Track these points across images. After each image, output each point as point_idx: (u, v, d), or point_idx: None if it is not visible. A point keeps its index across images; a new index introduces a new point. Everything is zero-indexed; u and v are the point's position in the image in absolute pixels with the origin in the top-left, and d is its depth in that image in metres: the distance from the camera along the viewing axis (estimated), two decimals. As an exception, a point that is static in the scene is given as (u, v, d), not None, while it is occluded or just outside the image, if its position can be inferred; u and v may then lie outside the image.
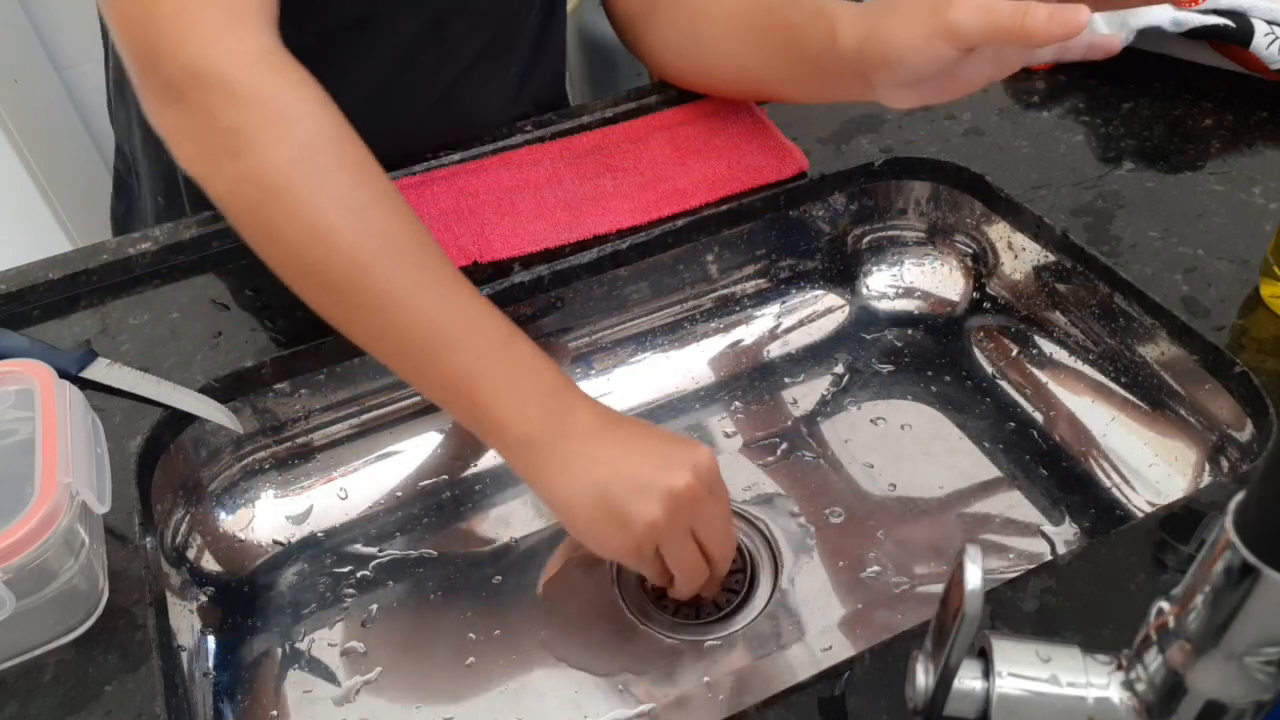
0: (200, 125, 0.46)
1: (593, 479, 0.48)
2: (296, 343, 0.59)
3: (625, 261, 0.66)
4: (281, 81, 0.47)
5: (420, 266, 0.48)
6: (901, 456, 0.66)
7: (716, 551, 0.51)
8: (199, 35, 0.46)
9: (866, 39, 0.54)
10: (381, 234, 0.48)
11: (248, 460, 0.63)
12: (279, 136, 0.46)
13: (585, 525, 0.49)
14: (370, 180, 0.48)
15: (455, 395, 0.49)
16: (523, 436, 0.49)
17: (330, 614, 0.60)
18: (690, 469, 0.48)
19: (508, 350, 0.49)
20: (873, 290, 0.74)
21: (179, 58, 0.46)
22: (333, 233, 0.46)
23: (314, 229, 0.46)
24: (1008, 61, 0.53)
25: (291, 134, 0.46)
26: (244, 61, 0.47)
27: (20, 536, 0.42)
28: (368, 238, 0.47)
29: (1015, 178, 0.66)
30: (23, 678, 0.44)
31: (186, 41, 0.46)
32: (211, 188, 0.47)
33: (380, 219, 0.48)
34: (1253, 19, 0.69)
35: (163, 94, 0.47)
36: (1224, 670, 0.30)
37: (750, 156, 0.68)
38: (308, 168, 0.47)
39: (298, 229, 0.47)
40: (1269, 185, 0.64)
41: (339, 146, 0.48)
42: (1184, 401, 0.59)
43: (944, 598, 0.33)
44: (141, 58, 0.47)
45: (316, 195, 0.47)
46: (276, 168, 0.46)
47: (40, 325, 0.61)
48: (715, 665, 0.56)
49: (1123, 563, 0.45)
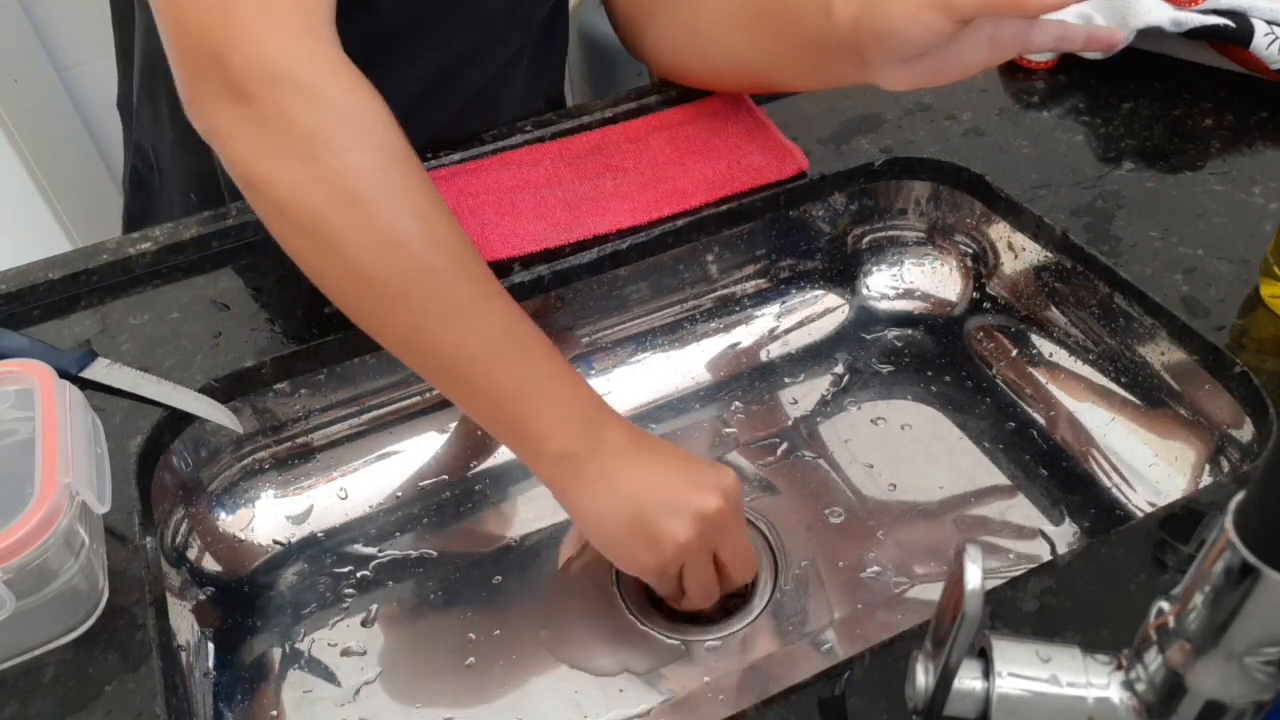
0: (271, 127, 0.45)
1: (625, 496, 0.49)
2: (296, 343, 0.59)
3: (625, 261, 0.66)
4: (356, 89, 0.47)
5: (480, 279, 0.49)
6: (901, 457, 0.66)
7: (737, 573, 0.53)
8: (277, 38, 0.46)
9: (862, 13, 0.55)
10: (447, 246, 0.48)
11: (248, 460, 0.63)
12: (358, 143, 0.46)
13: (615, 542, 0.50)
14: (434, 192, 0.49)
15: (498, 408, 0.49)
16: (561, 451, 0.49)
17: (330, 614, 0.60)
18: (719, 492, 0.49)
19: (551, 365, 0.50)
20: (873, 290, 0.74)
21: (256, 60, 0.45)
22: (406, 242, 0.46)
23: (387, 237, 0.46)
24: (1004, 44, 0.54)
25: (368, 141, 0.46)
26: (322, 67, 0.47)
27: (20, 536, 0.42)
28: (437, 249, 0.47)
29: (1015, 178, 0.66)
30: (23, 678, 0.44)
31: (265, 44, 0.45)
32: (272, 190, 0.46)
33: (446, 231, 0.48)
34: (1253, 19, 0.69)
35: (226, 95, 0.46)
36: (1224, 670, 0.30)
37: (750, 156, 0.68)
38: (386, 175, 0.46)
39: (365, 235, 0.46)
40: (1269, 185, 0.64)
41: (407, 155, 0.48)
42: (1184, 401, 0.59)
43: (944, 598, 0.33)
44: (205, 57, 0.46)
45: (393, 203, 0.46)
46: (356, 173, 0.46)
47: (40, 325, 0.61)
48: (715, 665, 0.56)
49: (1123, 563, 0.45)
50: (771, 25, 0.62)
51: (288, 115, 0.45)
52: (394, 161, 0.47)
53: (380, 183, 0.46)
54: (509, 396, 0.49)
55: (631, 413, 0.69)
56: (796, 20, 0.60)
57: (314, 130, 0.45)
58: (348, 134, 0.46)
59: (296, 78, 0.45)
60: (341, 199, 0.46)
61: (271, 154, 0.46)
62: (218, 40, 0.45)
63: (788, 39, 0.61)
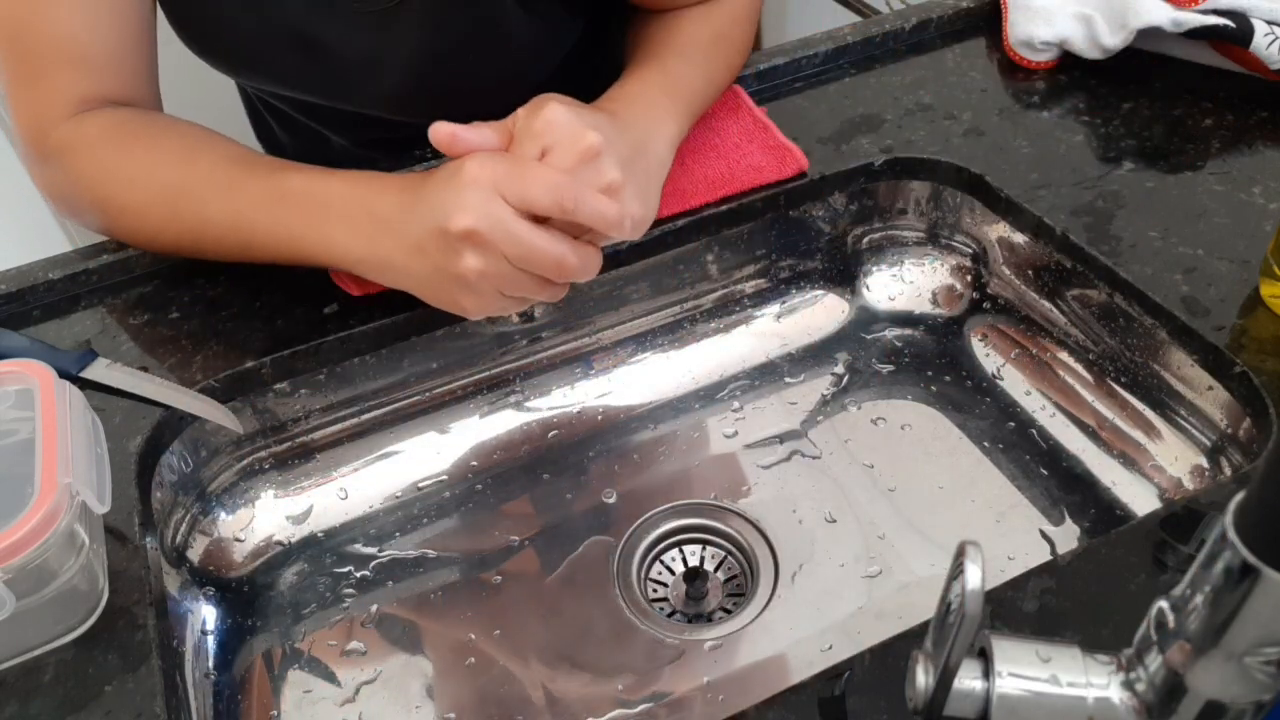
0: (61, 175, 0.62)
1: (414, 262, 0.52)
2: (296, 343, 0.59)
3: (625, 261, 0.66)
4: (92, 138, 0.61)
5: (221, 171, 0.58)
6: (901, 456, 0.66)
7: (547, 255, 0.51)
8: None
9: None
10: (192, 166, 0.58)
11: (248, 460, 0.63)
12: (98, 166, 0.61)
13: (434, 296, 0.54)
14: (160, 141, 0.60)
15: (297, 256, 0.57)
16: (357, 259, 0.55)
17: (330, 614, 0.60)
18: (464, 211, 0.49)
19: (311, 198, 0.56)
20: (873, 290, 0.74)
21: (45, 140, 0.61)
22: (156, 182, 0.59)
23: (145, 194, 0.59)
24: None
25: (107, 159, 0.61)
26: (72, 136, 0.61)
27: (20, 536, 0.42)
28: (184, 171, 0.59)
29: (1015, 178, 0.66)
30: (23, 678, 0.44)
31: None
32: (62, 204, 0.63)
33: (182, 160, 0.59)
34: (1253, 19, 0.69)
35: (37, 158, 0.63)
36: (1224, 670, 0.30)
37: (750, 156, 0.68)
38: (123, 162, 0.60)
39: (129, 199, 0.60)
40: (1269, 185, 0.64)
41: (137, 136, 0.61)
42: (1184, 401, 0.59)
43: (944, 598, 0.33)
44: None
45: (138, 171, 0.59)
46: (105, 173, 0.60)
47: (40, 325, 0.61)
48: (715, 665, 0.56)
49: (1123, 563, 0.45)
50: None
51: (65, 166, 0.61)
52: (128, 152, 0.60)
53: (122, 170, 0.60)
54: (294, 245, 0.56)
55: (632, 413, 0.69)
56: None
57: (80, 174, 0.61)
58: (95, 168, 0.60)
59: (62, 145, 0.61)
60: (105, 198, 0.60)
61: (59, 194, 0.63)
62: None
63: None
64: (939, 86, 0.74)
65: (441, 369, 0.65)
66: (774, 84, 0.76)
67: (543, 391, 0.69)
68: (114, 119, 0.61)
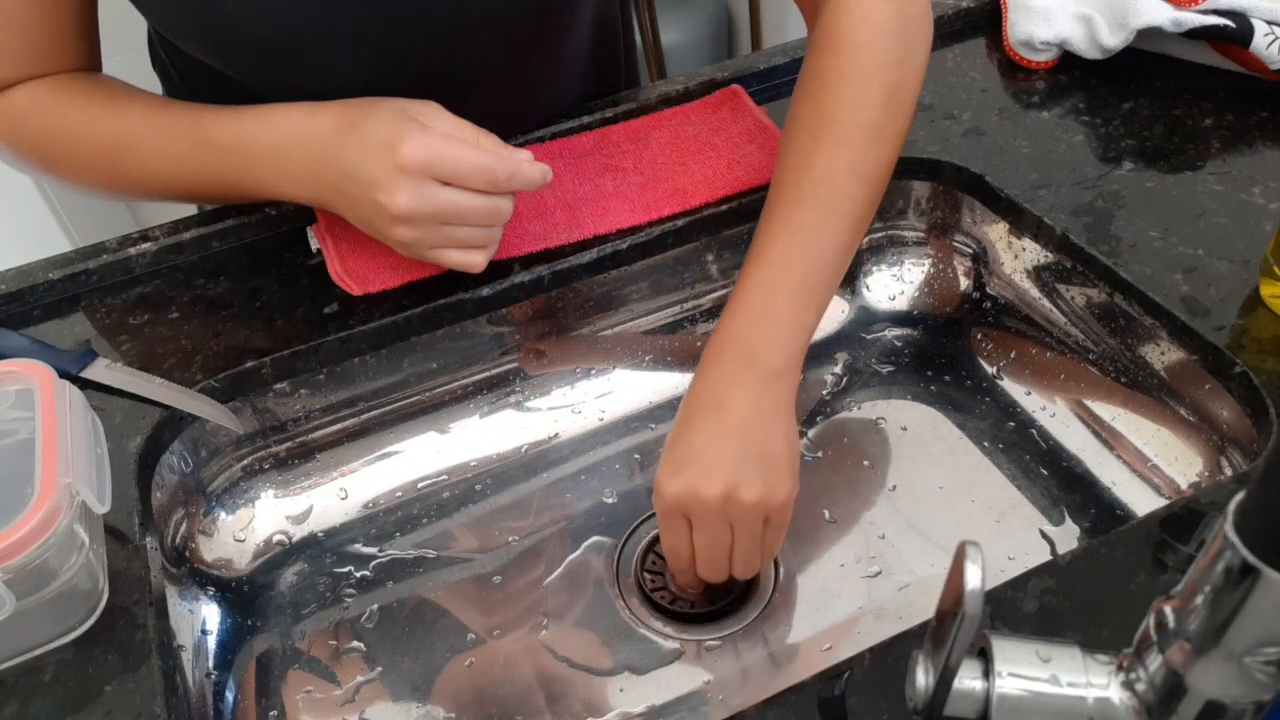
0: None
1: (344, 186, 0.55)
2: (296, 343, 0.59)
3: (625, 261, 0.66)
4: (39, 92, 0.61)
5: (143, 127, 0.59)
6: (901, 456, 0.66)
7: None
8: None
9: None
10: (122, 119, 0.60)
11: (248, 460, 0.63)
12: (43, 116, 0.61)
13: (372, 230, 0.56)
14: (90, 102, 0.60)
15: (239, 193, 0.59)
16: (292, 195, 0.58)
17: (330, 614, 0.60)
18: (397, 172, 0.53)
19: (246, 140, 0.57)
20: (872, 290, 0.74)
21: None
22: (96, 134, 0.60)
23: (86, 148, 0.60)
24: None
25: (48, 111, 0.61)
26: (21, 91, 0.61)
27: (20, 536, 0.42)
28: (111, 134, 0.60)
29: (1015, 178, 0.66)
30: (23, 678, 0.44)
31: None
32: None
33: (114, 114, 0.60)
34: (1253, 19, 0.69)
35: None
36: (1224, 670, 0.30)
37: (750, 156, 0.68)
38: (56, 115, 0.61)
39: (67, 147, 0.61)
40: (1269, 185, 0.64)
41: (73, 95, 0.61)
42: (1184, 401, 0.59)
43: (944, 598, 0.33)
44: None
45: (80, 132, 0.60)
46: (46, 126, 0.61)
47: (40, 325, 0.61)
48: (715, 665, 0.56)
49: (1123, 563, 0.45)
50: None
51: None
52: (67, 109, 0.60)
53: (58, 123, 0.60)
54: (235, 190, 0.59)
55: (632, 412, 0.69)
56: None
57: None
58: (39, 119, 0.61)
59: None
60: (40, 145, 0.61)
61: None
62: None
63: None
64: (939, 86, 0.74)
65: (441, 369, 0.65)
66: (774, 84, 0.76)
67: (543, 391, 0.69)
68: (36, 94, 0.61)
